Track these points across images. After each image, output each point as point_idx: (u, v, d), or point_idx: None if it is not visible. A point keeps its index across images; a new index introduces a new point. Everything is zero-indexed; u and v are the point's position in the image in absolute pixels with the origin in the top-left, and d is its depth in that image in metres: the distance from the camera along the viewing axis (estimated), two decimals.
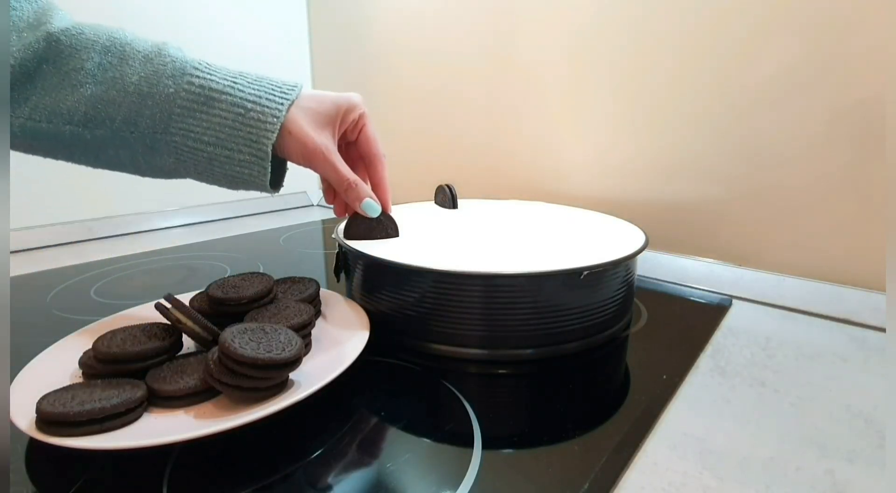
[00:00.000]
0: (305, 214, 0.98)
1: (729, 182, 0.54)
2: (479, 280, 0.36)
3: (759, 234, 0.54)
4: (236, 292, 0.37)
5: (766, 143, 0.51)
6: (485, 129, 0.76)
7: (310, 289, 0.41)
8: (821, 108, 0.48)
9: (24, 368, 0.32)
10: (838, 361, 0.39)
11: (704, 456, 0.28)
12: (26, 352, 0.33)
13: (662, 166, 0.59)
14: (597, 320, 0.39)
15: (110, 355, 0.30)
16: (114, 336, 0.32)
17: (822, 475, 0.26)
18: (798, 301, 0.49)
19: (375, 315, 0.40)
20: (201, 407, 0.29)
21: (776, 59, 0.49)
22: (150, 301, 0.43)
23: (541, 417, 0.32)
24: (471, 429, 0.30)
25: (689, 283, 0.55)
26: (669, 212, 0.59)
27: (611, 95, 0.62)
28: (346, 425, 0.30)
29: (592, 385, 0.36)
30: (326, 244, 0.74)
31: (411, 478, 0.26)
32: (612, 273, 0.39)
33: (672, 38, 0.56)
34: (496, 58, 0.73)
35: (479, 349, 0.38)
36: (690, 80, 0.55)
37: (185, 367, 0.31)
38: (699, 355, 0.39)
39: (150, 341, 0.32)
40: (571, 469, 0.26)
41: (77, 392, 0.27)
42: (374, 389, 0.35)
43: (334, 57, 1.01)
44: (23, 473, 0.26)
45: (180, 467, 0.26)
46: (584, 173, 0.67)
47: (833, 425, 0.31)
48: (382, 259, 0.39)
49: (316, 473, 0.26)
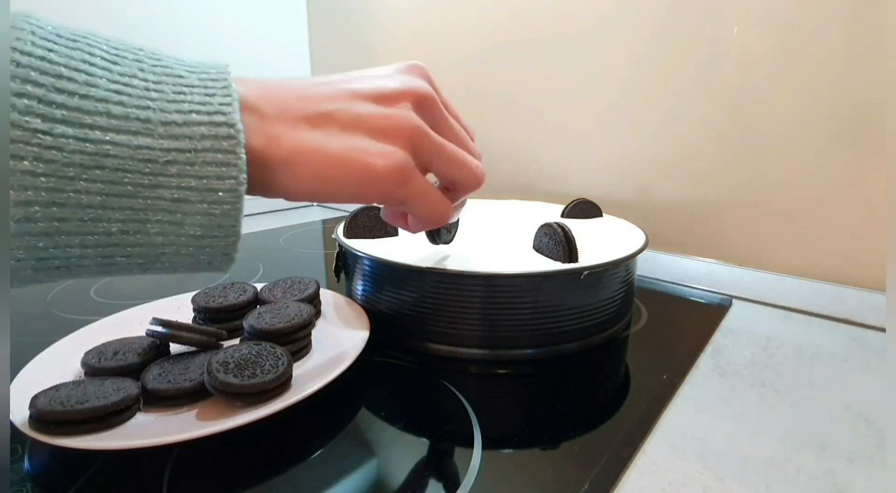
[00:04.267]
0: (305, 214, 0.98)
1: (729, 182, 0.54)
2: (479, 280, 0.36)
3: (759, 234, 0.54)
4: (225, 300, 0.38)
5: (766, 143, 0.51)
6: (485, 129, 0.76)
7: (310, 289, 0.41)
8: (821, 108, 0.48)
9: (24, 368, 0.32)
10: (838, 361, 0.39)
11: (704, 456, 0.28)
12: (26, 352, 0.33)
13: (663, 166, 0.59)
14: (597, 321, 0.39)
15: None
16: (105, 349, 0.32)
17: (822, 475, 0.26)
18: (798, 301, 0.49)
19: (375, 315, 0.40)
20: (201, 407, 0.29)
21: (776, 60, 0.49)
22: (150, 301, 0.43)
23: (541, 417, 0.32)
24: (471, 429, 0.30)
25: (689, 283, 0.55)
26: (669, 212, 0.59)
27: (611, 96, 0.62)
28: (346, 425, 0.30)
29: (592, 385, 0.36)
30: (326, 244, 0.74)
31: (411, 478, 0.26)
32: (612, 273, 0.39)
33: (672, 40, 0.56)
34: (497, 58, 0.73)
35: (479, 349, 0.38)
36: (690, 81, 0.55)
37: (181, 366, 0.31)
38: (699, 355, 0.39)
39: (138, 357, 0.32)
40: (571, 469, 0.26)
41: (72, 391, 0.27)
42: (373, 389, 0.35)
43: (334, 57, 1.01)
44: (23, 473, 0.26)
45: (180, 467, 0.26)
46: (583, 173, 0.66)
47: (833, 425, 0.31)
48: (382, 259, 0.39)
49: (316, 473, 0.26)
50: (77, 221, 0.18)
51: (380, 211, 0.46)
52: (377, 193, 0.24)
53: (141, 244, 0.19)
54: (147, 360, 0.31)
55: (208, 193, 0.19)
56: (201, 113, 0.19)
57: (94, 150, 0.17)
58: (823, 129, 0.48)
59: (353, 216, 0.46)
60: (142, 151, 0.18)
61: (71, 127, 0.17)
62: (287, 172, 0.22)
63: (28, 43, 0.17)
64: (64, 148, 0.17)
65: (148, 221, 0.19)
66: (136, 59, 0.19)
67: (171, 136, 0.19)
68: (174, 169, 0.19)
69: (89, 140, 0.17)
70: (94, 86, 0.18)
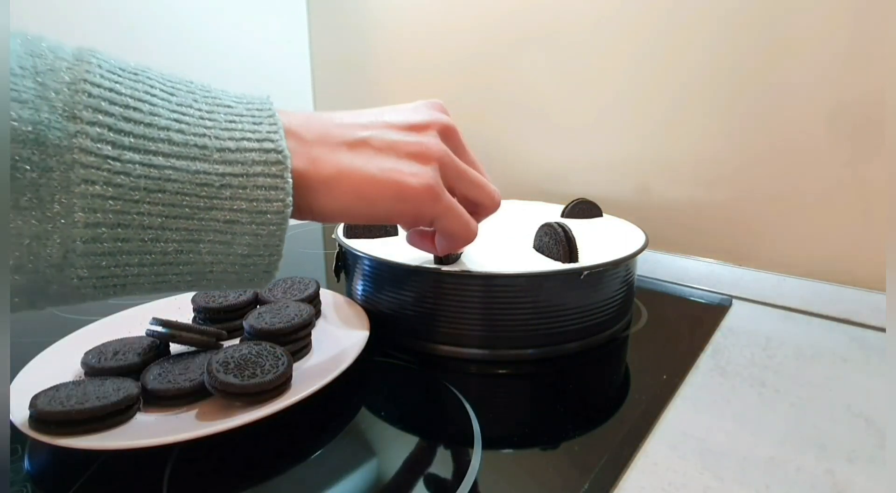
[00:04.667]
0: None
1: (729, 182, 0.54)
2: (479, 280, 0.36)
3: (759, 234, 0.54)
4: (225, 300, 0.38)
5: (766, 143, 0.51)
6: (485, 129, 0.76)
7: (310, 289, 0.41)
8: (821, 108, 0.48)
9: (24, 368, 0.32)
10: (838, 361, 0.39)
11: (704, 456, 0.28)
12: (26, 352, 0.33)
13: (663, 166, 0.59)
14: (597, 320, 0.39)
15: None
16: (105, 349, 0.32)
17: (822, 475, 0.26)
18: (798, 301, 0.49)
19: (375, 315, 0.40)
20: (201, 407, 0.29)
21: (776, 60, 0.49)
22: (150, 301, 0.43)
23: (541, 417, 0.32)
24: (471, 429, 0.30)
25: (689, 283, 0.55)
26: (669, 212, 0.59)
27: (611, 96, 0.62)
28: (346, 425, 0.30)
29: (592, 385, 0.36)
30: (326, 244, 0.74)
31: (411, 478, 0.26)
32: (612, 273, 0.39)
33: (673, 40, 0.56)
34: (497, 58, 0.73)
35: (479, 349, 0.38)
36: (690, 82, 0.55)
37: (181, 366, 0.31)
38: (699, 355, 0.39)
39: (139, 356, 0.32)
40: (571, 469, 0.26)
41: (72, 391, 0.27)
42: (374, 389, 0.35)
43: (334, 57, 1.01)
44: (23, 473, 0.26)
45: (180, 467, 0.26)
46: (584, 173, 0.66)
47: (833, 425, 0.31)
48: (382, 259, 0.39)
49: (316, 473, 0.26)
50: (138, 241, 0.19)
51: None
52: (410, 210, 0.26)
53: (192, 263, 0.21)
54: (147, 360, 0.31)
55: (258, 215, 0.21)
56: (251, 140, 0.21)
57: (157, 174, 0.19)
58: (824, 128, 0.48)
59: None
60: (199, 175, 0.19)
61: (137, 153, 0.18)
62: (328, 193, 0.24)
63: (97, 75, 0.18)
64: (131, 173, 0.18)
65: (201, 241, 0.20)
66: (189, 91, 0.21)
67: (225, 161, 0.20)
68: (228, 192, 0.20)
69: (153, 166, 0.19)
70: (157, 115, 0.19)
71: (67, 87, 0.17)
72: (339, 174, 0.24)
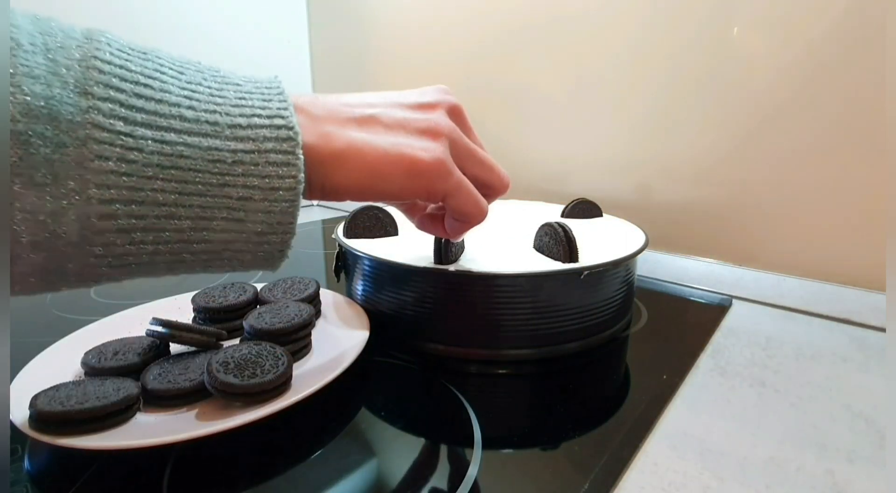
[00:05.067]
0: (305, 214, 0.98)
1: (729, 182, 0.54)
2: (479, 280, 0.36)
3: (759, 234, 0.54)
4: (225, 300, 0.38)
5: (765, 143, 0.51)
6: (484, 129, 0.76)
7: (310, 289, 0.41)
8: (821, 108, 0.48)
9: (24, 368, 0.32)
10: (838, 361, 0.39)
11: (704, 456, 0.28)
12: (26, 352, 0.33)
13: (663, 166, 0.59)
14: (597, 320, 0.39)
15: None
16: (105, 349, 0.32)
17: (822, 475, 0.26)
18: (798, 301, 0.49)
19: (375, 315, 0.40)
20: (201, 407, 0.29)
21: (776, 61, 0.49)
22: (150, 301, 0.43)
23: (541, 417, 0.32)
24: (471, 429, 0.30)
25: (689, 283, 0.55)
26: (669, 212, 0.59)
27: (611, 96, 0.62)
28: (346, 425, 0.30)
29: (592, 385, 0.36)
30: (326, 244, 0.74)
31: (411, 478, 0.26)
32: (612, 273, 0.39)
33: (673, 41, 0.56)
34: (496, 58, 0.73)
35: (479, 349, 0.38)
36: (690, 82, 0.55)
37: (181, 366, 0.31)
38: (699, 355, 0.39)
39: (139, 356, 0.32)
40: (571, 469, 0.26)
41: (72, 391, 0.27)
42: (373, 389, 0.35)
43: (334, 57, 1.01)
44: (23, 473, 0.26)
45: (180, 467, 0.26)
46: (584, 173, 0.66)
47: (833, 425, 0.31)
48: (382, 259, 0.39)
49: (316, 473, 0.26)
50: (153, 218, 0.19)
51: (380, 211, 0.46)
52: (422, 186, 0.25)
53: (207, 241, 0.21)
54: (147, 360, 0.31)
55: (270, 191, 0.21)
56: (262, 116, 0.21)
57: (170, 151, 0.19)
58: (824, 128, 0.48)
59: (352, 216, 0.45)
60: (211, 152, 0.19)
61: (149, 129, 0.18)
62: (338, 168, 0.23)
63: (107, 53, 0.18)
64: (144, 149, 0.18)
65: (215, 218, 0.20)
66: (198, 71, 0.21)
67: (236, 137, 0.20)
68: (240, 169, 0.20)
69: (166, 142, 0.19)
70: (167, 92, 0.19)
71: (78, 63, 0.17)
72: (349, 148, 0.23)
